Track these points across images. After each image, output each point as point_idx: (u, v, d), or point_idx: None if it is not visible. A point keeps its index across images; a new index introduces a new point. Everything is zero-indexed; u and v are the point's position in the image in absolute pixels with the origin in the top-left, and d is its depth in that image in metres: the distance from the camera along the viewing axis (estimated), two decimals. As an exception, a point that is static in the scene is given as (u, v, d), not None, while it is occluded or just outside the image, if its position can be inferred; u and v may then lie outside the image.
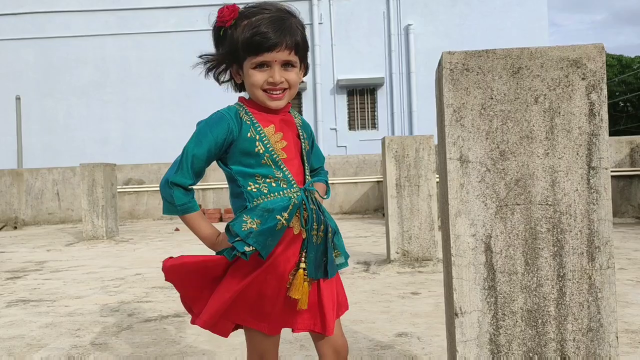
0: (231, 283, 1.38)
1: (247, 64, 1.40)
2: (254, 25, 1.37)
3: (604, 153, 1.24)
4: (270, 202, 1.38)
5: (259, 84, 1.40)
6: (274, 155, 1.41)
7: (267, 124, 1.43)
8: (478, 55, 1.26)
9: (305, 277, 1.38)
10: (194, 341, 2.64)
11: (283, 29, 1.38)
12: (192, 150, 1.39)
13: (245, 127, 1.40)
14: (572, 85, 1.25)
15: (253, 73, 1.40)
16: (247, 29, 1.38)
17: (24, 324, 3.13)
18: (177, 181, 1.39)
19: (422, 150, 4.49)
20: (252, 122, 1.41)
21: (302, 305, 1.38)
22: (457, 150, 1.27)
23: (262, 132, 1.41)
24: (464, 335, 1.28)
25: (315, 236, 1.41)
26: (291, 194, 1.41)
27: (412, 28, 14.99)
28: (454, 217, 1.27)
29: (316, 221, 1.42)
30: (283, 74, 1.40)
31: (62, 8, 15.27)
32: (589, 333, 1.26)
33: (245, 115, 1.42)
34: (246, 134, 1.39)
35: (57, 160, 13.85)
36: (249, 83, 1.42)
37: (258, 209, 1.37)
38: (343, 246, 1.52)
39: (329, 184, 1.61)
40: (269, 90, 1.41)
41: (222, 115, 1.41)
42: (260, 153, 1.40)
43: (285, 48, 1.38)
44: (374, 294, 3.55)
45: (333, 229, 1.46)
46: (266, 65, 1.39)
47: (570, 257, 1.26)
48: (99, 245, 7.12)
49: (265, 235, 1.35)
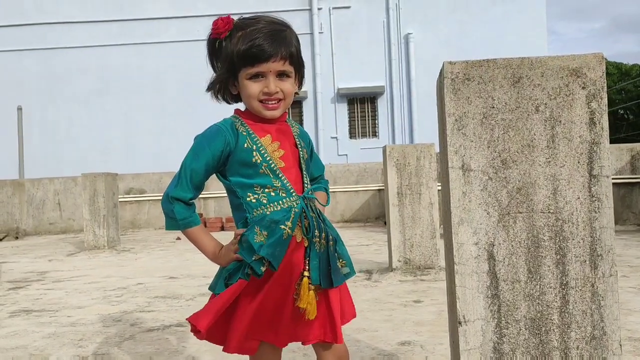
0: (246, 302, 1.39)
1: (242, 74, 1.41)
2: (248, 36, 1.39)
3: (605, 161, 1.25)
4: (274, 213, 1.39)
5: (255, 95, 1.41)
6: (272, 164, 1.42)
7: (263, 134, 1.44)
8: (479, 65, 1.27)
9: (310, 286, 1.39)
10: (197, 351, 2.64)
11: (278, 40, 1.40)
12: (190, 164, 1.40)
13: (242, 138, 1.41)
14: (572, 95, 1.26)
15: (248, 84, 1.41)
16: (242, 40, 1.39)
17: (27, 334, 3.13)
18: (177, 195, 1.40)
19: (423, 159, 4.50)
20: (248, 133, 1.42)
21: (310, 315, 1.38)
22: (459, 159, 1.28)
23: (258, 142, 1.42)
24: (467, 343, 1.28)
25: (317, 244, 1.42)
26: (291, 202, 1.41)
27: (412, 37, 15.06)
28: (456, 225, 1.28)
29: (317, 229, 1.43)
30: (278, 84, 1.41)
31: (64, 19, 15.35)
32: (592, 341, 1.26)
33: (241, 126, 1.43)
34: (243, 144, 1.40)
35: (58, 170, 13.87)
36: (244, 94, 1.43)
37: (266, 220, 1.38)
38: (348, 255, 1.52)
39: (329, 192, 1.61)
40: (265, 100, 1.42)
41: (218, 129, 1.42)
42: (258, 163, 1.40)
43: (280, 58, 1.40)
44: (376, 303, 3.54)
45: (334, 237, 1.47)
46: (261, 75, 1.40)
47: (572, 265, 1.26)
48: (101, 255, 7.12)
49: (274, 247, 1.36)
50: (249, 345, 1.41)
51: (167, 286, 4.53)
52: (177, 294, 4.15)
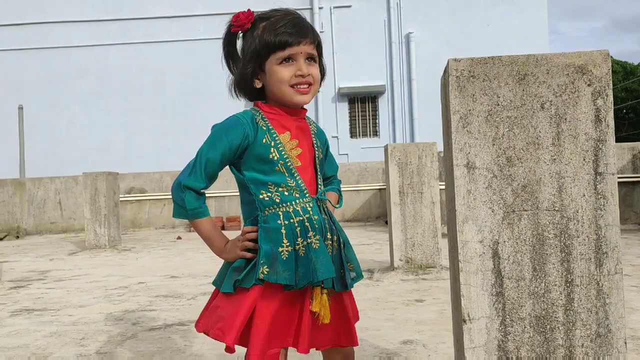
0: (263, 307, 1.37)
1: (271, 61, 1.39)
2: (275, 23, 1.38)
3: (611, 159, 1.25)
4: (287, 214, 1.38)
5: (287, 79, 1.38)
6: (288, 162, 1.40)
7: (283, 130, 1.41)
8: (484, 62, 1.26)
9: (323, 290, 1.37)
10: (199, 349, 2.64)
11: (305, 24, 1.41)
12: (207, 153, 1.37)
13: (261, 133, 1.38)
14: (578, 92, 1.25)
15: (279, 69, 1.39)
16: (268, 28, 1.38)
17: (28, 334, 3.13)
18: (190, 184, 1.37)
19: (424, 158, 4.49)
20: (267, 128, 1.40)
21: (324, 319, 1.36)
22: (464, 157, 1.27)
23: (277, 138, 1.40)
24: (472, 341, 1.27)
25: (330, 246, 1.40)
26: (304, 203, 1.40)
27: (412, 36, 15.04)
28: (461, 223, 1.27)
29: (329, 231, 1.41)
30: (308, 68, 1.40)
31: (64, 18, 15.34)
32: (597, 339, 1.26)
33: (262, 120, 1.40)
34: (261, 139, 1.38)
35: (59, 170, 13.86)
36: (275, 80, 1.40)
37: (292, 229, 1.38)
38: (356, 259, 1.50)
39: (342, 193, 1.60)
40: (296, 84, 1.39)
41: (237, 120, 1.39)
42: (275, 160, 1.38)
43: (309, 42, 1.40)
44: (378, 302, 3.54)
45: (344, 241, 1.46)
46: (292, 59, 1.39)
47: (577, 262, 1.26)
48: (102, 254, 7.12)
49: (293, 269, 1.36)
50: (271, 353, 1.39)
51: (169, 285, 4.53)
52: (178, 293, 4.15)
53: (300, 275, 1.35)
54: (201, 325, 1.45)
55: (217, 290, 1.45)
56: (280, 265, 1.34)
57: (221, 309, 1.39)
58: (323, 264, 1.36)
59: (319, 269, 1.35)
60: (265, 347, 1.36)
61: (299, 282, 1.35)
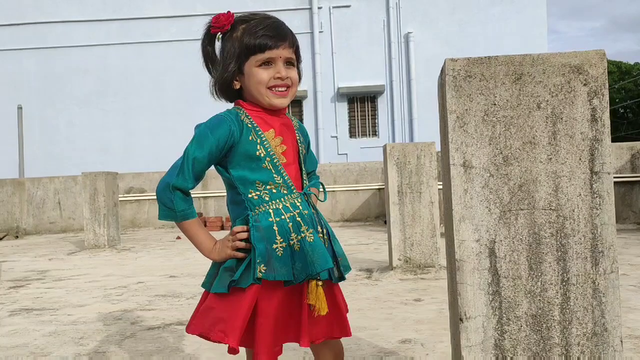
0: (265, 305, 1.38)
1: (250, 63, 1.40)
2: (255, 26, 1.40)
3: (607, 158, 1.25)
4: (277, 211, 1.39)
5: (265, 81, 1.40)
6: (275, 159, 1.41)
7: (267, 127, 1.43)
8: (480, 62, 1.27)
9: (318, 282, 1.38)
10: (197, 349, 2.64)
11: (284, 29, 1.43)
12: (194, 152, 1.37)
13: (247, 130, 1.40)
14: (574, 91, 1.26)
15: (258, 71, 1.40)
16: (248, 30, 1.40)
17: (27, 333, 3.13)
18: (179, 185, 1.37)
19: (423, 157, 4.50)
20: (252, 126, 1.41)
21: (322, 311, 1.37)
22: (460, 156, 1.28)
23: (262, 135, 1.41)
24: (468, 340, 1.28)
25: (321, 239, 1.42)
26: (292, 199, 1.41)
27: (412, 36, 15.05)
28: (458, 222, 1.28)
29: (319, 224, 1.44)
30: (287, 71, 1.42)
31: (64, 18, 15.34)
32: (593, 337, 1.27)
33: (246, 118, 1.42)
34: (247, 137, 1.39)
35: (58, 170, 13.87)
36: (253, 82, 1.41)
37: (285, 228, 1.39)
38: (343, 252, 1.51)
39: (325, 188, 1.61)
40: (275, 87, 1.41)
41: (222, 118, 1.40)
42: (262, 157, 1.39)
43: (288, 45, 1.42)
44: (376, 301, 3.54)
45: (330, 233, 1.48)
46: (271, 62, 1.41)
47: (574, 261, 1.26)
48: (101, 253, 7.12)
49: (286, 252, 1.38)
50: (276, 350, 1.40)
51: (168, 285, 4.53)
52: (177, 293, 4.16)
53: (298, 270, 1.37)
54: (194, 328, 1.43)
55: (205, 292, 1.45)
56: (277, 262, 1.36)
57: (217, 310, 1.39)
58: (320, 256, 1.38)
59: (316, 261, 1.37)
60: (272, 345, 1.37)
61: (297, 277, 1.36)
